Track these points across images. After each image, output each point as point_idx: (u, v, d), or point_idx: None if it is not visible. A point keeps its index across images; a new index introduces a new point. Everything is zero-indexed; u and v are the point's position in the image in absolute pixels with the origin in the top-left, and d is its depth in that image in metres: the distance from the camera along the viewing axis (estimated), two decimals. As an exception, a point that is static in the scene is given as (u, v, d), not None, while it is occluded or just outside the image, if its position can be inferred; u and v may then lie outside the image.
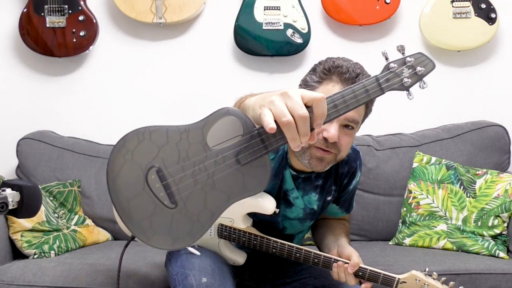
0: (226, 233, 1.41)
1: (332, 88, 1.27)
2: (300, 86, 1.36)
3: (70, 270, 1.74)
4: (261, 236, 1.39)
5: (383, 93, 0.95)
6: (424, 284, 1.32)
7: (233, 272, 1.44)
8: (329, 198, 1.49)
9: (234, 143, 0.90)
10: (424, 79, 0.97)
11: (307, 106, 0.84)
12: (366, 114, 1.35)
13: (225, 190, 0.92)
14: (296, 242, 1.51)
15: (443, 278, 1.33)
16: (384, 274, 1.32)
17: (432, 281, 1.32)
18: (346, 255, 1.34)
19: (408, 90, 0.98)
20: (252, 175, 0.90)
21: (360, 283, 1.35)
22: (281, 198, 1.43)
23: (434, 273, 1.34)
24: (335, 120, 1.25)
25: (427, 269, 1.35)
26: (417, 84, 0.98)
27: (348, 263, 1.31)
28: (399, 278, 1.33)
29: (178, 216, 0.93)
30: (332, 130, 1.25)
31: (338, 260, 1.33)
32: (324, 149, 1.28)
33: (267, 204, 1.28)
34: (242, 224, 1.36)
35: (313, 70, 1.34)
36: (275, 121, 0.84)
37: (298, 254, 1.37)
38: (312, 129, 0.86)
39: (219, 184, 0.91)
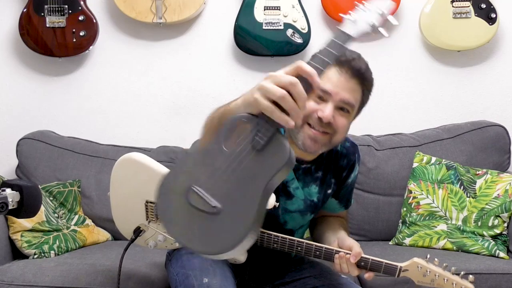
0: (226, 231, 1.40)
1: (332, 75, 1.28)
2: None
3: (70, 270, 1.74)
4: (261, 231, 1.38)
5: (355, 38, 1.01)
6: (427, 270, 1.31)
7: (234, 271, 1.44)
8: (329, 191, 1.49)
9: (245, 135, 0.96)
10: (389, 18, 1.02)
11: None
12: (362, 102, 1.35)
13: (253, 175, 0.96)
14: (297, 237, 1.51)
15: (444, 264, 1.32)
16: (386, 263, 1.31)
17: (434, 267, 1.31)
18: (347, 246, 1.33)
19: (376, 29, 1.02)
20: (272, 152, 0.96)
21: (360, 282, 1.34)
22: (280, 190, 1.42)
23: (436, 259, 1.33)
24: (330, 101, 1.28)
25: (428, 256, 1.34)
26: (385, 20, 1.02)
27: (349, 253, 1.31)
28: (401, 266, 1.32)
29: (225, 217, 0.97)
30: (326, 110, 1.26)
31: (340, 251, 1.32)
32: (319, 130, 1.29)
33: None
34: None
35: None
36: (273, 102, 0.89)
37: (299, 248, 1.35)
38: (310, 91, 0.92)
39: (246, 173, 0.96)
